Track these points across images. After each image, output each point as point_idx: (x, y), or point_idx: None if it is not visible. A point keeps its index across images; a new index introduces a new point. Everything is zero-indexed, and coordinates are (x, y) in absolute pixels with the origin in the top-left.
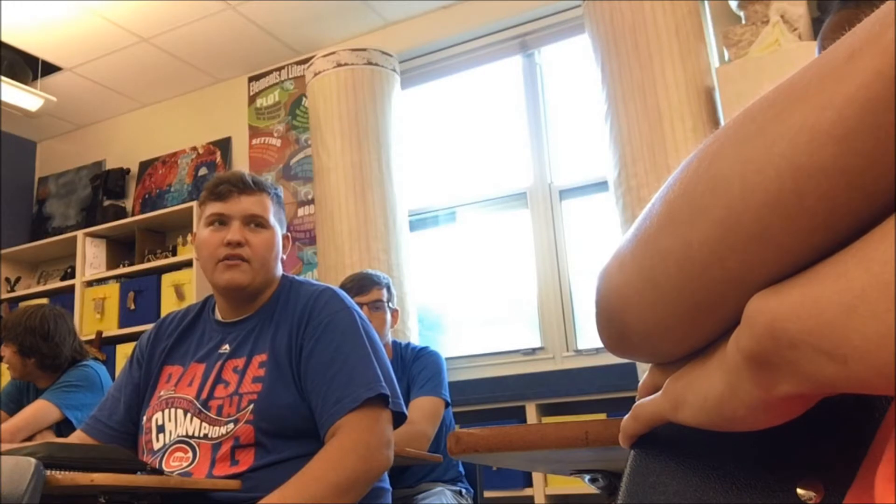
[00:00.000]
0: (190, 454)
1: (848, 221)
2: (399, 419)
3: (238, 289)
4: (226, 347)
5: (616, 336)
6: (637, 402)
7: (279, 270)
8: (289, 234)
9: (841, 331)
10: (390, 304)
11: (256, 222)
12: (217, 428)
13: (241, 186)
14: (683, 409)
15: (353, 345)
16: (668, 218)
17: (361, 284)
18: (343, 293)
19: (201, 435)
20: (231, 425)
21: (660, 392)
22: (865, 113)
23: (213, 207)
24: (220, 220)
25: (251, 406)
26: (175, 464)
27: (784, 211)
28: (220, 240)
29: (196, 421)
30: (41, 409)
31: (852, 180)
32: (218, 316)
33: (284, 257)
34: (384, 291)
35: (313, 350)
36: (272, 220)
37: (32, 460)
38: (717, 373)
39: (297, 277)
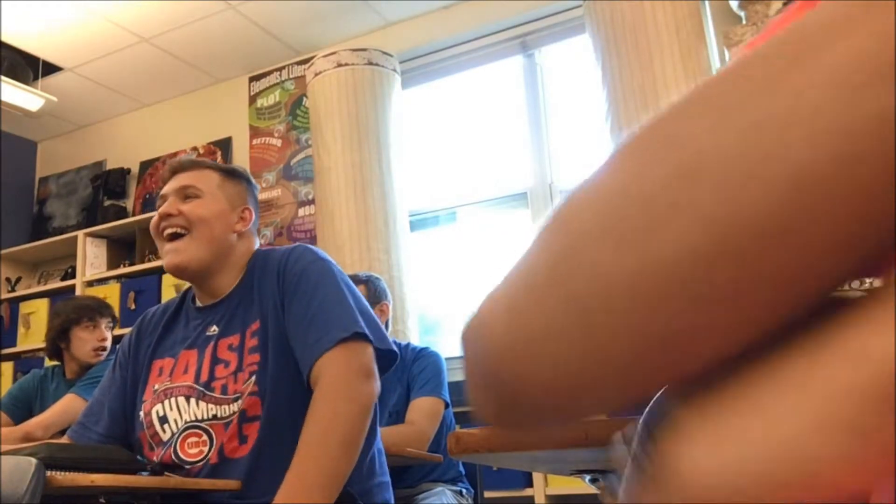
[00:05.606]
0: (206, 437)
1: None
2: (389, 357)
3: (180, 270)
4: (214, 329)
5: (507, 400)
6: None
7: (246, 244)
8: (250, 207)
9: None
10: (376, 299)
11: (187, 193)
12: (225, 406)
13: (177, 166)
14: None
15: (327, 290)
16: (607, 230)
17: None
18: (315, 248)
19: (210, 416)
20: (239, 401)
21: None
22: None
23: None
24: (162, 204)
25: (253, 378)
26: (193, 451)
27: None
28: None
29: (202, 404)
30: (72, 403)
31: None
32: (199, 303)
33: (244, 229)
34: (363, 288)
35: (291, 302)
36: (212, 190)
37: (33, 460)
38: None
39: (270, 248)
